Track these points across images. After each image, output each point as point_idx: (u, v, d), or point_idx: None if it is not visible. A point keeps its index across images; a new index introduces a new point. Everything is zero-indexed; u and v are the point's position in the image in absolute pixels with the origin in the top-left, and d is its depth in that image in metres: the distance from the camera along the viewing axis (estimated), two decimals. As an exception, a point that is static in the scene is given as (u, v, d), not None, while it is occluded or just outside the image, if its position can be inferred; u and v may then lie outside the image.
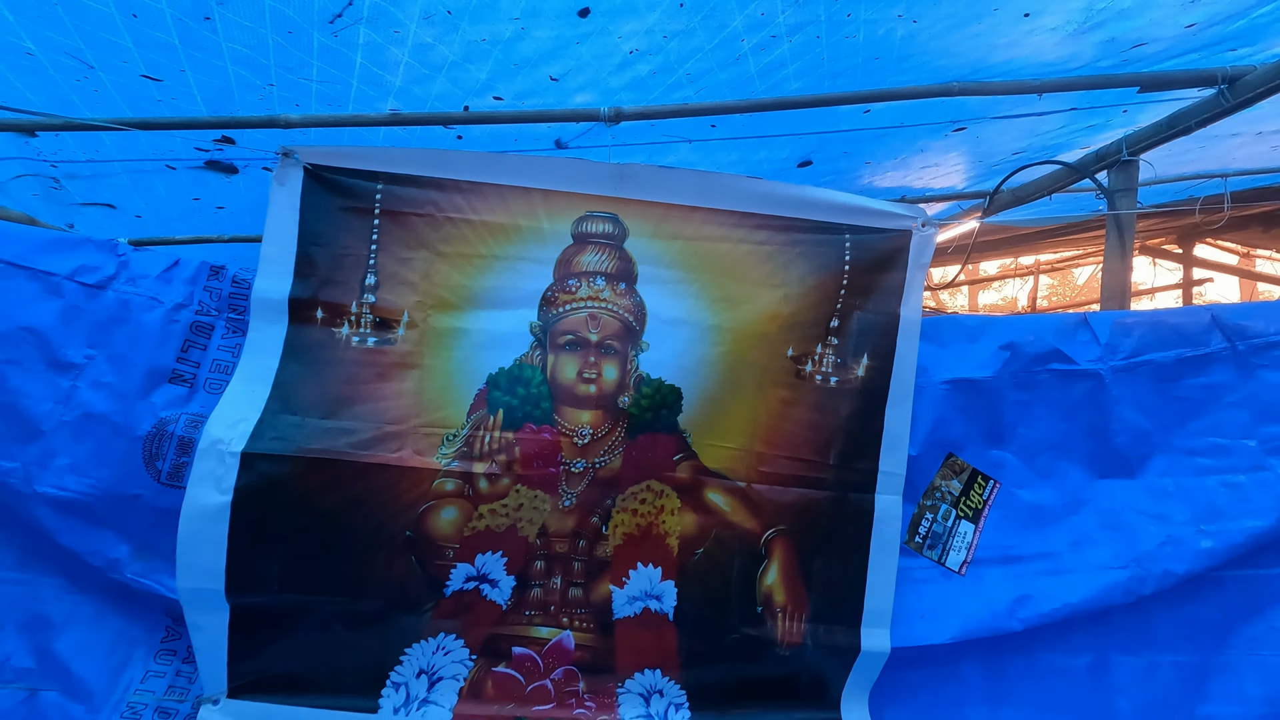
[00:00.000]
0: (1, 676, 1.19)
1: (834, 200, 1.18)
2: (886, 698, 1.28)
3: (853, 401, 1.17)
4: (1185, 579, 1.28)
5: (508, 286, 1.12)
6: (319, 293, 1.10)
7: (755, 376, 1.14)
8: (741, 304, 1.14)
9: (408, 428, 1.08)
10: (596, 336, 1.13)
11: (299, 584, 1.07)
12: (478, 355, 1.10)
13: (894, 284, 1.17)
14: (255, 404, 1.05)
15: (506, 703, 1.12)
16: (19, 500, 1.17)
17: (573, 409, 1.13)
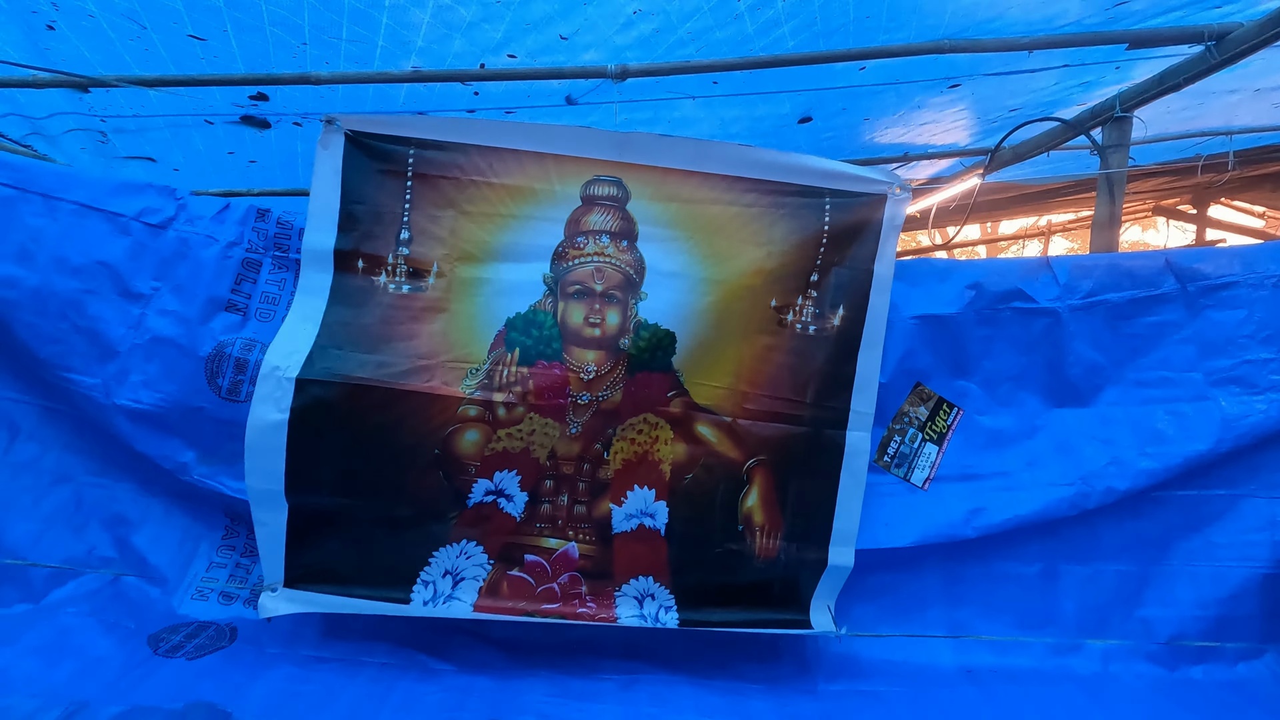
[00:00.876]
0: (89, 563, 1.39)
1: (817, 166, 1.30)
2: (856, 598, 1.44)
3: (829, 348, 1.30)
4: (1127, 496, 1.42)
5: (524, 242, 1.26)
6: (360, 245, 1.25)
7: (741, 324, 1.29)
8: (730, 259, 1.28)
9: (437, 362, 1.24)
10: (601, 287, 1.28)
11: (345, 489, 1.25)
12: (497, 301, 1.26)
13: (869, 243, 1.29)
14: (307, 339, 1.22)
15: (519, 601, 1.30)
16: (100, 412, 1.35)
17: (579, 349, 1.28)
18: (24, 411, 1.41)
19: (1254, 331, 1.44)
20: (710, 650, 1.39)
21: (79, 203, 1.34)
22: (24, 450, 1.40)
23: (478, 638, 1.40)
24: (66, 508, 1.41)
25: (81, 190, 1.34)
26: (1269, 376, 1.43)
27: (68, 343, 1.32)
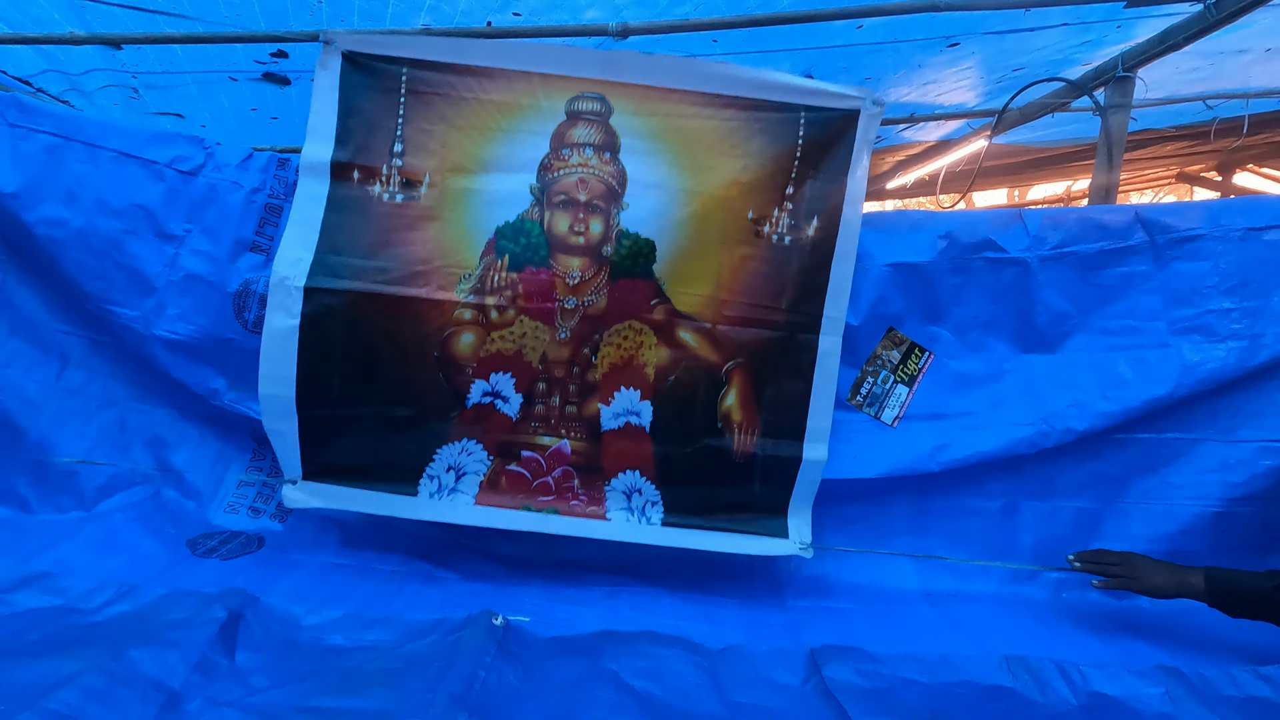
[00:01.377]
0: (133, 479, 1.55)
1: (792, 83, 1.36)
2: (828, 527, 1.56)
3: (803, 257, 1.39)
4: (1086, 436, 1.51)
5: (511, 154, 1.35)
6: (355, 157, 1.35)
7: (719, 234, 1.37)
8: (708, 171, 1.36)
9: (432, 268, 1.35)
10: (585, 197, 1.37)
11: (351, 391, 1.37)
12: (487, 210, 1.36)
13: (842, 157, 1.36)
14: (308, 245, 1.32)
15: (517, 494, 1.43)
16: (140, 342, 1.49)
17: (565, 255, 1.38)
18: (73, 343, 1.56)
19: (1218, 282, 1.50)
20: (688, 569, 1.52)
21: (118, 150, 1.46)
22: (74, 377, 1.56)
23: (479, 553, 1.55)
24: (112, 429, 1.56)
25: (120, 139, 1.47)
26: (1229, 325, 1.50)
27: (111, 279, 1.46)
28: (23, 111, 1.45)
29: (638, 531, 1.45)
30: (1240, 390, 1.51)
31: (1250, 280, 1.50)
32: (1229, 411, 1.52)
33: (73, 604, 1.13)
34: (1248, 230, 1.51)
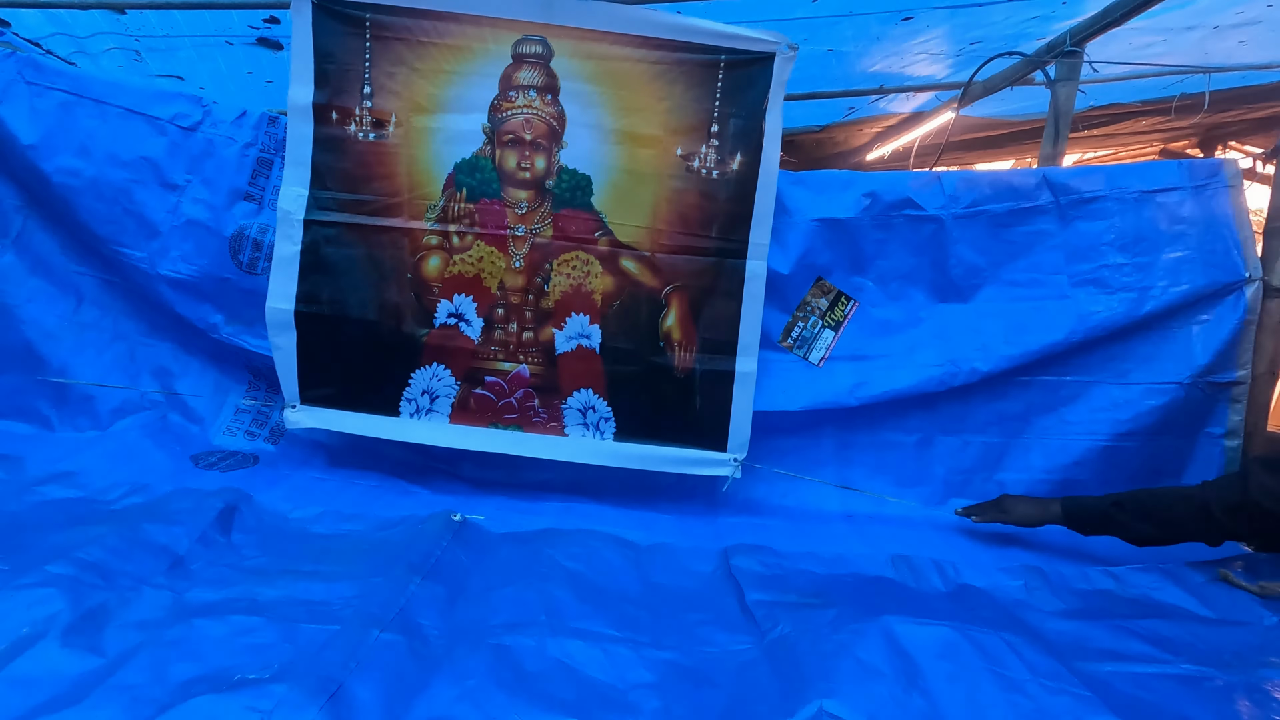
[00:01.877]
0: (142, 404, 1.74)
1: (713, 28, 1.50)
2: (762, 457, 1.75)
3: (729, 189, 1.55)
4: (989, 377, 1.69)
5: (465, 96, 1.51)
6: (332, 100, 1.51)
7: (652, 169, 1.54)
8: (639, 112, 1.52)
9: (403, 200, 1.53)
10: (530, 136, 1.54)
11: (340, 304, 1.56)
12: (446, 148, 1.52)
13: (760, 96, 1.52)
14: (304, 180, 1.50)
15: (484, 414, 1.62)
16: (147, 281, 1.67)
17: (514, 188, 1.55)
18: (87, 282, 1.74)
19: (1113, 240, 1.67)
20: (635, 490, 1.71)
21: (124, 107, 1.63)
22: (88, 313, 1.74)
23: (449, 474, 1.74)
24: (123, 359, 1.75)
25: (126, 97, 1.63)
26: (1121, 279, 1.67)
27: (120, 223, 1.64)
28: (38, 71, 1.61)
29: (593, 447, 1.64)
30: (1130, 337, 1.69)
31: (1142, 238, 1.66)
32: (1120, 357, 1.70)
33: (93, 496, 1.33)
34: (1142, 193, 1.67)
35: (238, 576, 1.08)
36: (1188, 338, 1.68)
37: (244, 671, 0.83)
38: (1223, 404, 1.69)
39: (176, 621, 0.93)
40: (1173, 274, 1.66)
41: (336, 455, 1.74)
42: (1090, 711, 0.87)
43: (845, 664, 0.93)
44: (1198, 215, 1.66)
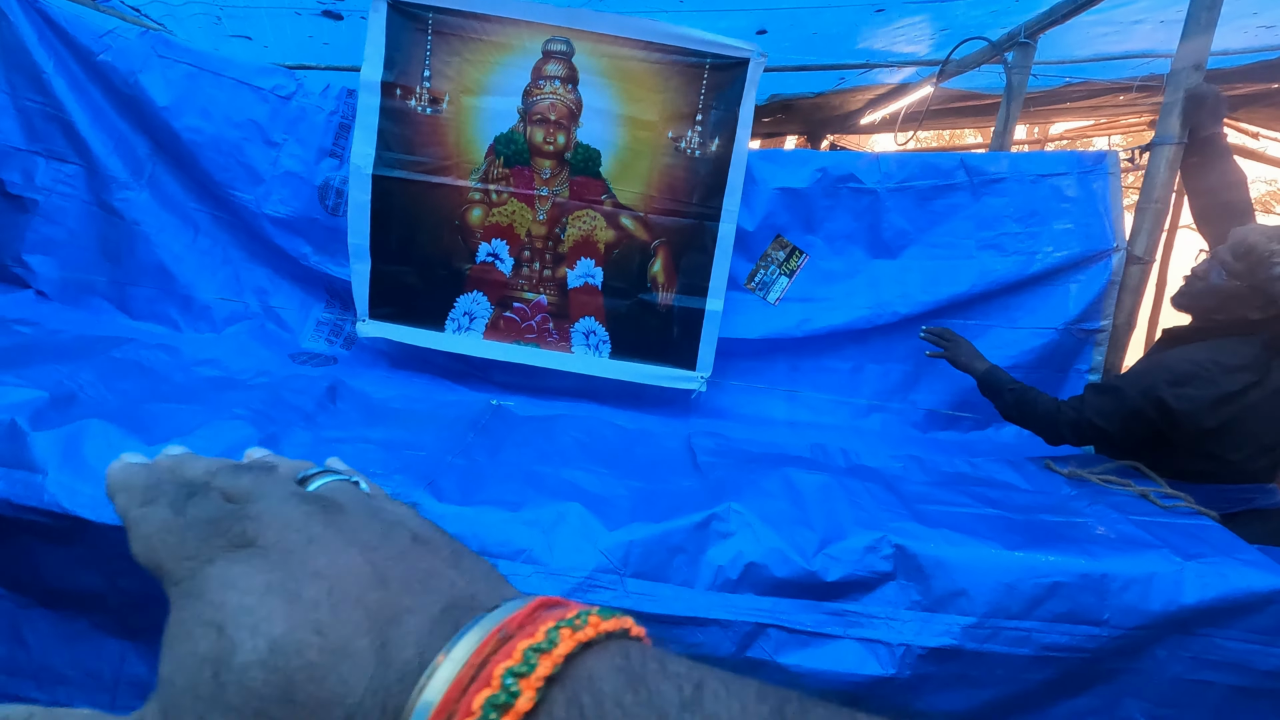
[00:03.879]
0: (247, 314, 2.24)
1: (702, 36, 1.91)
2: (728, 375, 2.24)
3: (708, 165, 1.99)
4: (908, 319, 2.16)
5: (504, 82, 1.94)
6: (398, 79, 1.93)
7: (648, 148, 1.97)
8: (640, 101, 1.94)
9: (452, 163, 1.98)
10: (554, 117, 1.98)
11: (402, 242, 2.02)
12: (488, 123, 1.97)
13: (737, 93, 1.93)
14: (371, 143, 1.95)
15: (511, 333, 2.11)
16: (253, 218, 2.14)
17: (540, 158, 2.00)
18: (203, 218, 2.21)
19: (1012, 213, 2.11)
20: (626, 398, 2.20)
21: (235, 79, 2.07)
22: (203, 242, 2.22)
23: (483, 379, 2.24)
24: (230, 280, 2.24)
25: (237, 70, 2.07)
26: (1016, 244, 2.11)
27: (233, 171, 2.10)
28: (168, 46, 2.05)
29: (593, 362, 2.13)
30: (1020, 291, 2.15)
31: (1035, 212, 2.10)
32: (1012, 306, 2.16)
33: (233, 375, 1.84)
34: (1038, 175, 2.10)
35: (351, 425, 1.58)
36: (1065, 293, 2.13)
37: (374, 469, 1.34)
38: (1089, 346, 2.16)
39: (322, 445, 1.44)
40: (1057, 242, 2.10)
41: (396, 360, 2.24)
42: (901, 520, 1.37)
43: (751, 488, 1.44)
44: (1081, 195, 2.10)
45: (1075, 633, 1.29)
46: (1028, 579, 1.29)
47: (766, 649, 1.26)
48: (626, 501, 1.40)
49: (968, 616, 1.28)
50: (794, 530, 1.34)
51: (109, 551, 1.23)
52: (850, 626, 1.28)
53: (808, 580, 1.29)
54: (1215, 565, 1.33)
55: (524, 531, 1.26)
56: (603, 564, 1.25)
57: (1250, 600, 1.31)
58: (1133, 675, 1.34)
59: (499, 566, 1.22)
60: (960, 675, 1.28)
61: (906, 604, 1.30)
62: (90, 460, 1.27)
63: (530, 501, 1.32)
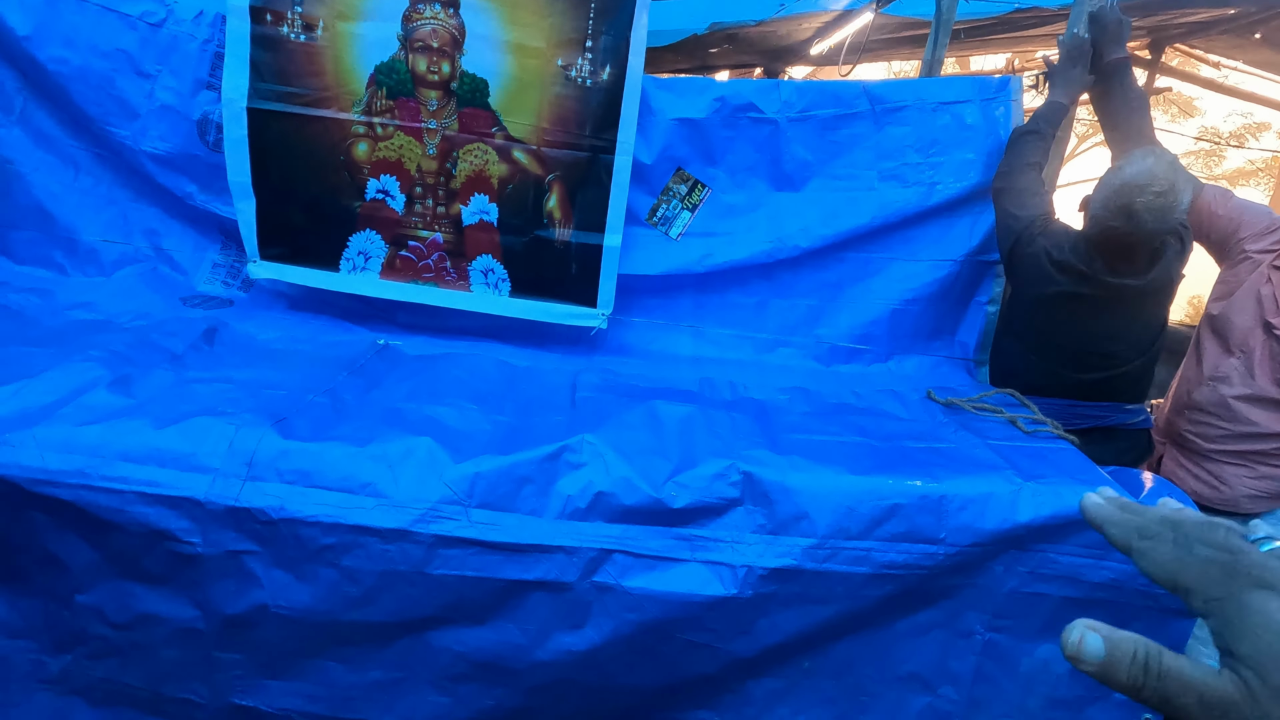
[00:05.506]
0: (137, 257, 2.18)
1: None
2: (632, 312, 2.23)
3: (601, 96, 1.92)
4: (808, 253, 2.14)
5: (380, 6, 1.83)
6: (267, 3, 1.83)
7: (537, 77, 1.89)
8: (526, 26, 1.85)
9: (333, 94, 1.90)
10: (436, 44, 1.88)
11: (286, 179, 1.95)
12: (366, 51, 1.87)
13: (627, 19, 1.85)
14: (243, 74, 1.85)
15: (407, 272, 2.08)
16: (132, 155, 2.06)
17: (424, 89, 1.92)
18: (82, 155, 2.12)
19: (914, 143, 2.08)
20: (529, 336, 2.19)
21: (100, 5, 1.95)
22: (85, 181, 2.13)
23: (386, 320, 2.21)
24: (117, 221, 2.16)
25: (100, -5, 1.95)
26: (917, 175, 2.09)
27: (106, 105, 2.01)
28: (23, -31, 1.92)
29: (492, 300, 2.11)
30: (922, 223, 2.14)
31: (936, 141, 2.08)
32: (913, 239, 2.16)
33: (108, 318, 1.80)
34: (940, 103, 2.07)
35: (219, 367, 1.57)
36: (966, 224, 2.13)
37: (224, 408, 1.33)
38: (989, 278, 2.17)
39: (178, 386, 1.42)
40: (958, 172, 2.09)
41: (295, 302, 2.20)
42: (754, 448, 1.40)
43: (613, 421, 1.45)
44: (983, 123, 2.07)
45: (913, 551, 1.34)
46: (867, 501, 1.33)
47: (612, 574, 1.30)
48: (486, 436, 1.41)
49: (809, 538, 1.32)
50: (647, 460, 1.36)
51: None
52: (696, 550, 1.32)
53: (656, 507, 1.32)
54: (1053, 485, 1.38)
55: (369, 466, 1.27)
56: (447, 495, 1.26)
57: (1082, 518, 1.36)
58: (972, 590, 1.41)
59: (336, 502, 1.23)
60: (801, 594, 1.33)
61: (752, 528, 1.34)
62: (-77, 402, 1.25)
63: (380, 437, 1.33)
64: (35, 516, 1.23)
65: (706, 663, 1.36)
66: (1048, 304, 1.85)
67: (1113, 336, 1.83)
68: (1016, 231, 1.88)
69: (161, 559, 1.23)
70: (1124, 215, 1.63)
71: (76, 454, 1.22)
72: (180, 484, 1.21)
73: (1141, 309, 1.81)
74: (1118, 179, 1.66)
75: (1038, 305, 1.87)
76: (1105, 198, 1.67)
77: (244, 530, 1.22)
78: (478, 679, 1.33)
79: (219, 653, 1.28)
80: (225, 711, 1.32)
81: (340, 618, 1.26)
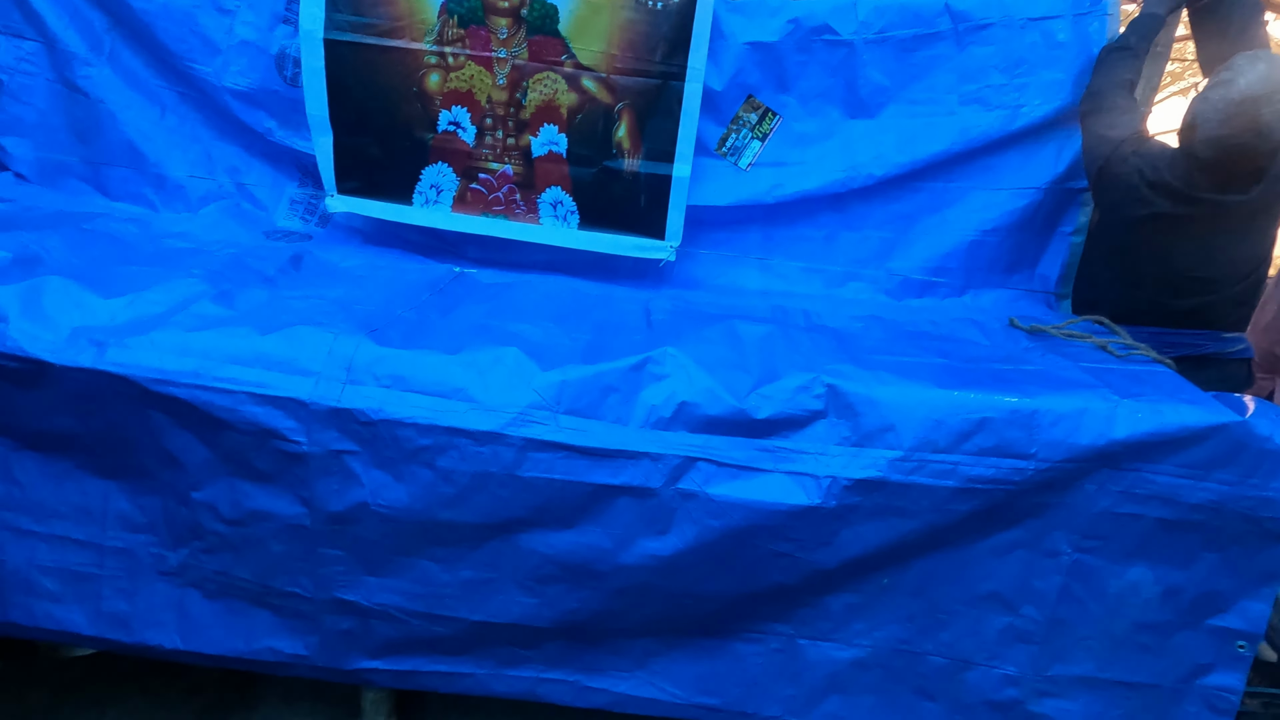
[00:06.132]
0: (221, 193, 2.25)
1: None
2: (700, 245, 2.21)
3: (672, 19, 1.88)
4: (883, 182, 2.09)
5: None
6: None
7: (607, 1, 1.86)
8: None
9: (405, 23, 1.90)
10: None
11: (362, 112, 1.98)
12: None
13: None
14: (319, 4, 1.87)
15: (478, 204, 2.10)
16: (214, 92, 2.11)
17: (495, 16, 1.91)
18: (167, 94, 2.18)
19: (998, 63, 1.99)
20: (596, 269, 2.19)
21: (177, -54, 2.00)
22: (170, 120, 2.21)
23: (454, 253, 2.25)
24: (201, 159, 2.23)
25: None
26: (1000, 97, 2.00)
27: (189, 42, 2.05)
28: (108, -92, 1.97)
29: (561, 233, 2.12)
30: (1004, 149, 2.05)
31: (1023, 61, 1.98)
32: (994, 166, 2.07)
33: (201, 247, 1.87)
34: (1028, 20, 1.96)
35: (309, 286, 1.63)
36: (1051, 150, 2.04)
37: (320, 319, 1.39)
38: (1074, 207, 2.08)
39: (274, 301, 1.48)
40: (1045, 94, 1.99)
41: (369, 237, 2.25)
42: (838, 363, 1.39)
43: (692, 336, 1.46)
44: (1074, 41, 1.96)
45: (1002, 465, 1.32)
46: (956, 415, 1.31)
47: (696, 481, 1.32)
48: (569, 350, 1.43)
49: (894, 450, 1.31)
50: (729, 373, 1.37)
51: (74, 394, 1.31)
52: (780, 461, 1.33)
53: (739, 418, 1.32)
54: (1151, 403, 1.33)
55: (460, 372, 1.31)
56: (536, 401, 1.29)
57: (1184, 435, 1.31)
58: (1060, 509, 1.38)
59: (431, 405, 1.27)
60: (885, 506, 1.33)
61: (836, 440, 1.33)
62: (49, 311, 1.33)
63: (469, 346, 1.36)
64: (155, 417, 1.31)
65: (786, 573, 1.38)
66: (1140, 227, 1.76)
67: (1211, 260, 1.73)
68: (1106, 154, 1.79)
69: (270, 457, 1.30)
70: (1251, 129, 1.53)
71: (190, 357, 1.28)
72: (286, 386, 1.27)
73: (1247, 229, 1.71)
74: (1234, 92, 1.55)
75: (1129, 229, 1.79)
76: (1225, 114, 1.56)
77: (345, 431, 1.28)
78: (563, 581, 1.37)
79: (323, 548, 1.35)
80: (328, 605, 1.40)
81: (435, 517, 1.32)
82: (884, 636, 1.48)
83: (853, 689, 1.50)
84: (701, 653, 1.50)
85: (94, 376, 1.27)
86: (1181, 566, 1.40)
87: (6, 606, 1.43)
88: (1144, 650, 1.45)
